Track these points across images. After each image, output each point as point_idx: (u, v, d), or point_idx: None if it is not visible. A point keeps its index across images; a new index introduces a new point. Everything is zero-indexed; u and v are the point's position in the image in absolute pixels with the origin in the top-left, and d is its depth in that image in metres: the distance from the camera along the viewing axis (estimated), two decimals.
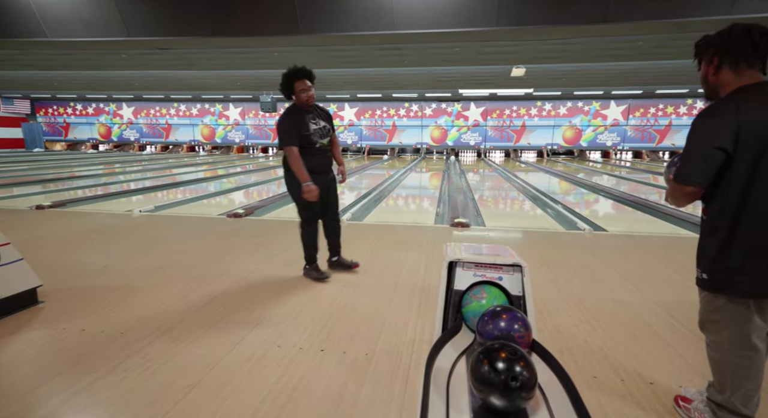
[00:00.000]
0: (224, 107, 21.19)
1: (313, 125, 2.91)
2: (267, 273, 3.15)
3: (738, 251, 1.28)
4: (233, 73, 12.62)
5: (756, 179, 1.23)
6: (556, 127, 18.92)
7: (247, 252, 3.72)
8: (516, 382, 1.04)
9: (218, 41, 6.96)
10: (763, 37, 1.25)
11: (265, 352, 2.01)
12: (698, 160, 1.27)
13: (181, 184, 9.65)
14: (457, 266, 1.60)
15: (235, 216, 5.24)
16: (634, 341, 2.12)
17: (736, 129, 1.22)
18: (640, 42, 7.57)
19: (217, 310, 2.49)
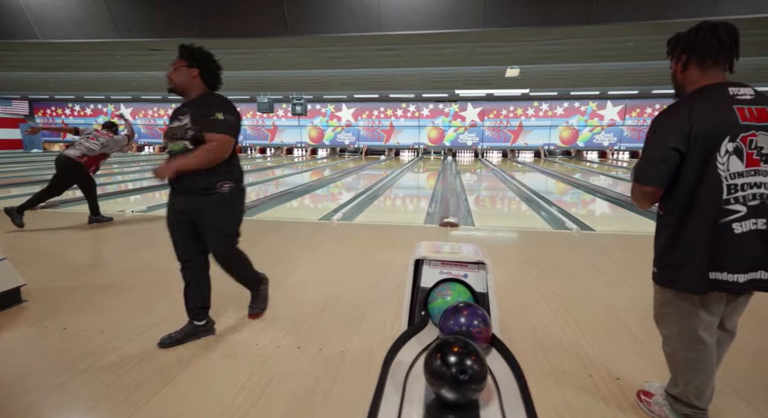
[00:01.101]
0: None
1: (175, 122, 2.11)
2: None
3: (682, 248, 1.32)
4: (229, 74, 12.60)
5: (702, 181, 1.26)
6: (553, 128, 18.96)
7: None
8: (465, 375, 1.07)
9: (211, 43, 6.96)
10: (730, 35, 1.28)
11: (242, 349, 2.04)
12: (656, 161, 1.31)
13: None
14: (424, 263, 1.64)
15: None
16: (606, 338, 2.15)
17: (688, 131, 1.25)
18: (631, 42, 7.61)
19: None
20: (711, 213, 1.26)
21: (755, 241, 1.25)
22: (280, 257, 3.59)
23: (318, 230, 4.70)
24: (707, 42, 1.28)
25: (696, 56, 1.30)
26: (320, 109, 20.55)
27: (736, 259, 1.26)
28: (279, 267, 3.31)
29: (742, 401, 1.66)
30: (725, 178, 1.24)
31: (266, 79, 13.34)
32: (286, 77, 12.96)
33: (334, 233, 4.60)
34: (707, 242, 1.27)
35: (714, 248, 1.27)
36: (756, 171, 1.24)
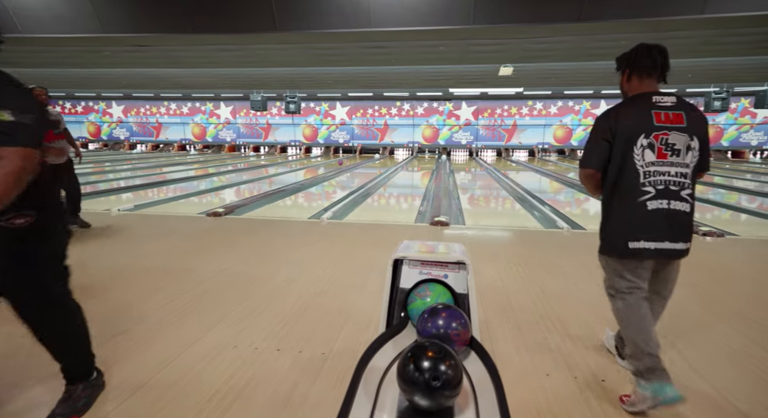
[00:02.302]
0: (215, 106, 21.06)
1: None
2: (237, 272, 3.12)
3: (609, 221, 1.67)
4: (221, 72, 12.54)
5: (624, 168, 1.59)
6: (547, 127, 18.98)
7: (221, 251, 3.69)
8: (437, 381, 1.02)
9: (199, 39, 6.91)
10: (661, 53, 1.64)
11: (220, 352, 1.99)
12: (593, 149, 1.65)
13: (168, 182, 9.57)
14: (403, 263, 1.59)
15: (215, 215, 5.19)
16: (592, 338, 2.12)
17: (614, 128, 1.59)
18: (624, 41, 7.58)
19: (178, 309, 2.46)
20: (631, 193, 1.57)
21: (662, 217, 1.55)
22: (267, 256, 3.54)
23: (307, 229, 4.65)
24: (643, 60, 1.63)
25: (635, 70, 1.65)
26: (314, 108, 20.45)
27: (647, 231, 1.56)
28: (264, 265, 3.26)
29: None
30: (641, 166, 1.56)
31: (258, 76, 13.24)
32: (278, 75, 12.87)
33: (323, 231, 4.54)
34: (628, 217, 1.59)
35: (632, 222, 1.58)
36: (663, 162, 1.55)
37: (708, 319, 2.36)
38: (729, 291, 2.80)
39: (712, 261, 3.54)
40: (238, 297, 2.63)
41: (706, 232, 4.34)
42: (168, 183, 9.50)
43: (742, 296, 2.73)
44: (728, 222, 5.93)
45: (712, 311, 2.47)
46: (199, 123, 21.42)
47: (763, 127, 17.68)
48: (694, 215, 1.60)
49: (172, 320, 2.31)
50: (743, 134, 17.91)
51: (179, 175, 11.20)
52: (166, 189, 8.64)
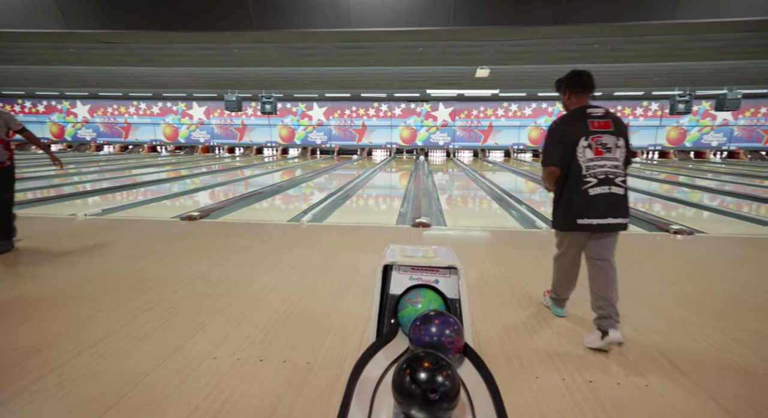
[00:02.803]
0: (187, 106, 20.47)
1: None
2: (215, 278, 3.00)
3: (560, 205, 2.16)
4: (194, 71, 12.19)
5: (571, 165, 2.06)
6: (522, 128, 19.36)
7: (196, 256, 3.55)
8: (435, 394, 0.99)
9: (171, 36, 6.66)
10: (589, 76, 2.18)
11: (199, 364, 1.89)
12: (553, 151, 2.12)
13: (138, 185, 9.21)
14: (393, 269, 1.54)
15: (189, 219, 5.01)
16: (577, 339, 2.13)
17: (563, 133, 2.09)
18: (596, 45, 7.82)
19: (153, 319, 2.33)
20: (577, 183, 2.05)
21: (603, 200, 2.02)
22: (246, 261, 3.42)
23: (286, 232, 4.54)
24: (578, 82, 2.17)
25: (573, 90, 2.18)
26: (291, 108, 20.17)
27: (591, 210, 2.03)
28: (244, 271, 3.15)
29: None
30: (583, 162, 2.04)
31: (233, 76, 12.93)
32: (254, 75, 12.61)
33: (303, 234, 4.45)
34: (575, 201, 2.06)
35: (578, 205, 2.05)
36: (600, 158, 2.03)
37: (686, 316, 2.42)
38: (705, 289, 2.88)
39: (685, 259, 3.66)
40: (216, 305, 2.53)
41: (677, 230, 4.49)
42: (138, 186, 9.14)
43: (717, 293, 2.82)
44: (693, 220, 6.17)
45: (689, 309, 2.54)
46: (170, 124, 20.77)
47: (722, 129, 18.59)
48: (629, 197, 2.11)
49: (145, 332, 2.19)
50: (704, 136, 18.78)
51: (150, 177, 10.80)
52: (136, 192, 8.30)
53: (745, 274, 3.25)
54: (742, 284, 3.00)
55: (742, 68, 10.96)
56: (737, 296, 2.73)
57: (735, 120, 18.33)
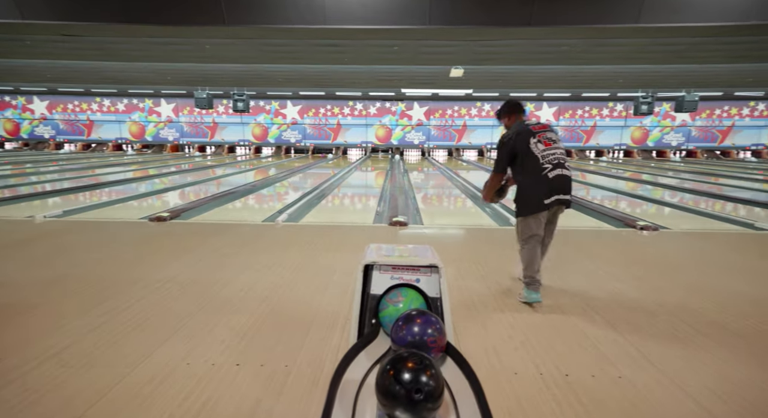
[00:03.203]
0: (155, 103, 19.76)
1: None
2: (187, 281, 2.90)
3: (526, 192, 2.59)
4: (162, 66, 11.75)
5: (526, 160, 2.55)
6: (495, 127, 19.72)
7: (167, 258, 3.42)
8: (420, 394, 0.98)
9: (136, 30, 6.40)
10: (518, 104, 2.80)
11: (172, 370, 1.81)
12: (502, 161, 2.68)
13: (103, 185, 8.81)
14: (374, 269, 1.53)
15: (159, 220, 4.83)
16: (553, 334, 2.18)
17: (514, 145, 2.59)
18: (565, 47, 8.05)
19: (121, 325, 2.23)
20: (537, 171, 2.51)
21: (559, 180, 2.51)
22: (219, 263, 3.33)
23: (261, 232, 4.45)
24: (516, 108, 2.80)
25: (513, 114, 2.78)
26: (264, 106, 19.81)
27: (551, 189, 2.49)
28: (217, 273, 3.06)
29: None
30: (538, 153, 2.52)
31: (204, 72, 12.56)
32: (226, 71, 12.29)
33: (278, 234, 4.37)
34: (538, 185, 2.51)
35: (542, 187, 2.50)
36: (550, 148, 2.54)
37: (654, 309, 2.52)
38: (671, 283, 3.01)
39: (652, 254, 3.82)
40: (189, 309, 2.44)
41: (643, 226, 4.68)
42: (103, 186, 8.75)
43: (682, 286, 2.95)
44: (657, 216, 6.46)
45: (656, 301, 2.64)
46: (137, 121, 19.99)
47: (681, 129, 19.55)
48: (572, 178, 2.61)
49: (113, 338, 2.09)
50: (665, 136, 19.69)
51: (116, 177, 10.36)
52: (100, 193, 7.94)
53: (705, 267, 3.42)
54: (704, 277, 3.16)
55: (699, 72, 11.57)
56: (700, 289, 2.86)
57: (692, 121, 19.31)
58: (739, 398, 1.66)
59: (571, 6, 5.30)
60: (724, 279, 3.09)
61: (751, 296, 2.73)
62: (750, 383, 1.76)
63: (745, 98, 18.46)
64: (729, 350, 2.02)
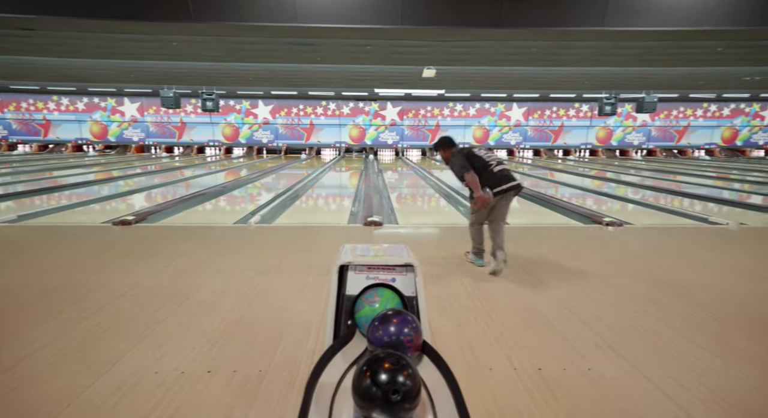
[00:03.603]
0: (118, 102, 18.96)
1: None
2: (154, 287, 2.79)
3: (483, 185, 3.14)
4: (126, 64, 11.28)
5: (479, 162, 3.19)
6: (467, 127, 20.04)
7: (133, 263, 3.28)
8: (397, 395, 0.97)
9: (98, 25, 6.10)
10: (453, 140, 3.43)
11: (139, 380, 1.74)
12: (462, 165, 3.18)
13: (62, 188, 8.37)
14: (349, 269, 1.51)
15: (123, 223, 4.63)
16: (526, 329, 2.23)
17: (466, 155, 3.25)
18: (533, 48, 8.27)
19: (84, 334, 2.12)
20: (486, 169, 3.15)
21: (502, 173, 3.15)
22: (189, 267, 3.22)
23: (233, 235, 4.34)
24: (452, 143, 3.40)
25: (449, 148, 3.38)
26: (234, 106, 19.37)
27: (497, 181, 3.11)
28: (187, 277, 2.96)
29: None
30: (483, 156, 3.22)
31: (171, 71, 12.15)
32: (194, 70, 11.93)
33: (251, 237, 4.27)
34: (489, 178, 3.12)
35: (493, 180, 3.11)
36: (490, 153, 3.29)
37: (621, 302, 2.62)
38: (635, 276, 3.14)
39: (617, 249, 3.97)
40: (157, 315, 2.35)
41: (609, 222, 4.86)
42: (62, 189, 8.32)
43: (646, 279, 3.08)
44: (621, 212, 6.73)
45: (622, 294, 2.75)
46: (98, 121, 19.13)
47: (642, 129, 20.47)
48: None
49: (75, 348, 1.98)
50: (627, 135, 20.57)
51: (76, 179, 9.87)
52: (59, 196, 7.54)
53: (667, 261, 3.58)
54: (665, 270, 3.31)
55: (657, 74, 12.15)
56: (662, 281, 3.00)
57: (652, 121, 20.26)
58: (698, 384, 1.75)
59: (537, 8, 5.46)
60: (683, 271, 3.25)
61: (708, 287, 2.88)
62: (708, 370, 1.85)
63: (699, 100, 19.54)
64: (689, 340, 2.13)
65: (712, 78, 13.26)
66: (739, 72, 12.16)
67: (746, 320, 2.36)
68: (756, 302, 2.63)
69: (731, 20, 5.96)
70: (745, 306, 2.56)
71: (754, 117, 20.22)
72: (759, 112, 20.13)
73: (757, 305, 2.58)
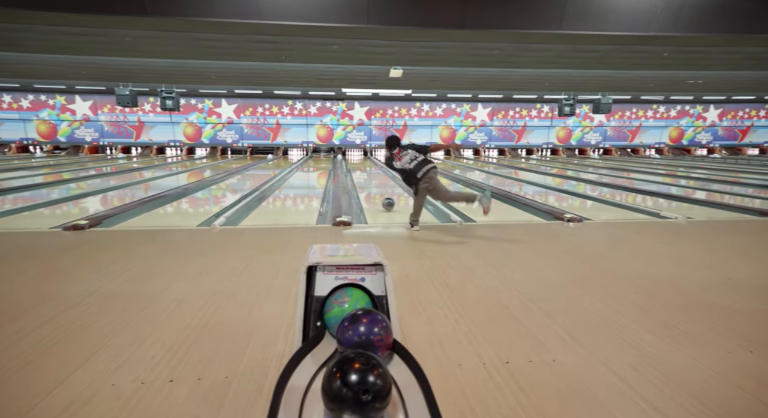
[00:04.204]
0: (68, 100, 17.89)
1: None
2: (111, 295, 2.65)
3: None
4: (75, 60, 10.65)
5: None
6: (434, 127, 20.32)
7: (88, 271, 3.10)
8: (368, 394, 0.96)
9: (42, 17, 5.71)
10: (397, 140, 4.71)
11: (93, 394, 1.64)
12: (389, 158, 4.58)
13: (5, 192, 7.79)
14: (318, 270, 1.49)
15: (75, 228, 4.36)
16: (494, 324, 2.28)
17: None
18: (496, 51, 8.49)
19: (31, 347, 1.97)
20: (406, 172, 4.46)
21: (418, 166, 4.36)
22: (149, 272, 3.08)
23: (196, 238, 4.18)
24: (397, 141, 4.66)
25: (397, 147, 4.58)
26: (196, 105, 18.73)
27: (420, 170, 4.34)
28: (147, 284, 2.83)
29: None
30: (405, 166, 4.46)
31: (127, 68, 11.59)
32: (151, 67, 11.43)
33: (215, 239, 4.14)
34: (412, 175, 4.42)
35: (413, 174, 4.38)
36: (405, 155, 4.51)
37: (580, 295, 2.73)
38: (594, 270, 3.28)
39: (578, 244, 4.13)
40: (114, 325, 2.22)
41: (570, 218, 5.06)
42: (5, 193, 7.74)
43: (604, 272, 3.22)
44: (581, 208, 7.03)
45: (583, 287, 2.86)
46: (46, 120, 17.97)
47: (599, 129, 21.49)
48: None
49: (22, 362, 1.84)
50: (585, 135, 21.53)
51: (22, 182, 9.21)
52: (2, 200, 7.02)
53: (622, 254, 3.77)
54: (621, 263, 3.48)
55: (611, 77, 12.79)
56: (618, 274, 3.15)
57: (608, 122, 21.31)
58: (649, 367, 1.85)
59: (499, 11, 5.63)
60: (636, 263, 3.43)
61: (658, 277, 3.05)
62: (658, 353, 1.96)
63: (649, 102, 20.74)
64: (642, 327, 2.24)
65: (660, 81, 14.12)
66: (684, 75, 13.01)
67: (690, 306, 2.52)
68: (697, 289, 2.81)
69: (675, 27, 6.37)
70: (689, 293, 2.74)
71: (697, 118, 21.69)
72: (702, 114, 21.62)
73: (698, 292, 2.76)
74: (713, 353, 1.99)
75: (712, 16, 6.17)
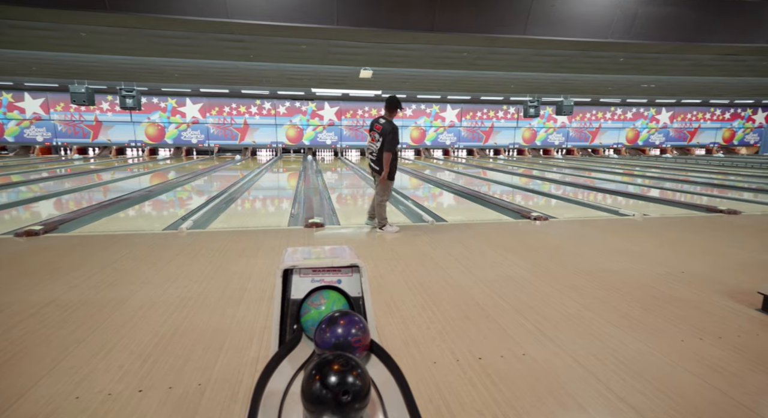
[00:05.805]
0: (17, 97, 16.80)
1: None
2: (72, 303, 2.52)
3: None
4: (24, 55, 10.01)
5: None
6: (404, 128, 20.46)
7: (44, 279, 2.93)
8: (348, 395, 0.98)
9: None
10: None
11: (55, 408, 1.56)
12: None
13: None
14: (293, 273, 1.49)
15: (29, 234, 4.12)
16: (467, 321, 2.34)
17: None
18: (465, 53, 8.67)
19: None
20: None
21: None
22: (112, 279, 2.95)
23: (163, 242, 4.04)
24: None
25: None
26: (159, 104, 18.04)
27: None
28: (111, 291, 2.71)
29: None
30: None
31: (82, 64, 11.00)
32: (110, 64, 10.91)
33: (183, 243, 4.01)
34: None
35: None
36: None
37: (549, 290, 2.84)
38: (560, 266, 3.42)
39: (544, 241, 4.29)
40: (75, 335, 2.12)
41: (536, 217, 5.24)
42: None
43: (569, 268, 3.36)
44: (545, 207, 7.29)
45: (550, 283, 2.98)
46: None
47: (561, 130, 22.33)
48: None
49: None
50: (549, 136, 22.32)
51: None
52: None
53: (585, 250, 3.95)
54: (584, 258, 3.65)
55: (573, 80, 13.34)
56: (583, 270, 3.30)
57: (570, 123, 22.18)
58: (612, 358, 1.96)
59: (468, 15, 5.78)
60: (598, 259, 3.61)
61: (618, 271, 3.22)
62: (620, 344, 2.08)
63: (608, 104, 21.77)
64: (605, 320, 2.37)
65: (617, 85, 14.85)
66: (638, 80, 13.75)
67: (647, 299, 2.68)
68: (653, 282, 3.00)
69: (630, 35, 6.74)
70: (647, 286, 2.91)
71: (651, 120, 22.96)
72: (655, 116, 22.90)
73: (654, 284, 2.94)
74: (668, 341, 2.13)
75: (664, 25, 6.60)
